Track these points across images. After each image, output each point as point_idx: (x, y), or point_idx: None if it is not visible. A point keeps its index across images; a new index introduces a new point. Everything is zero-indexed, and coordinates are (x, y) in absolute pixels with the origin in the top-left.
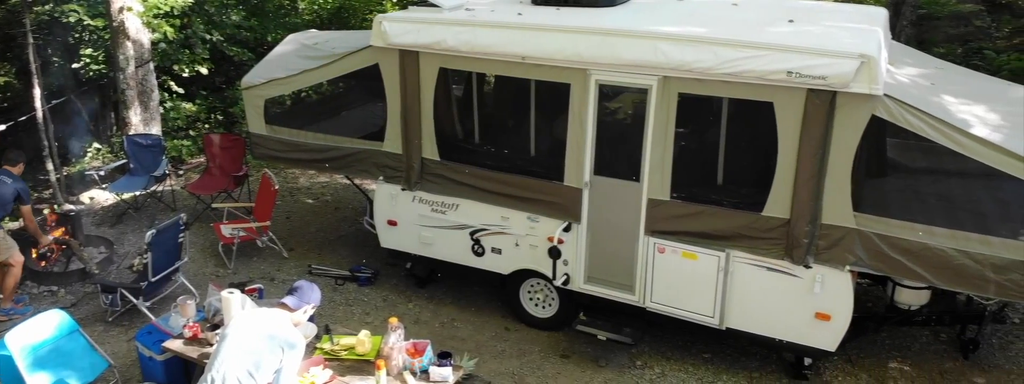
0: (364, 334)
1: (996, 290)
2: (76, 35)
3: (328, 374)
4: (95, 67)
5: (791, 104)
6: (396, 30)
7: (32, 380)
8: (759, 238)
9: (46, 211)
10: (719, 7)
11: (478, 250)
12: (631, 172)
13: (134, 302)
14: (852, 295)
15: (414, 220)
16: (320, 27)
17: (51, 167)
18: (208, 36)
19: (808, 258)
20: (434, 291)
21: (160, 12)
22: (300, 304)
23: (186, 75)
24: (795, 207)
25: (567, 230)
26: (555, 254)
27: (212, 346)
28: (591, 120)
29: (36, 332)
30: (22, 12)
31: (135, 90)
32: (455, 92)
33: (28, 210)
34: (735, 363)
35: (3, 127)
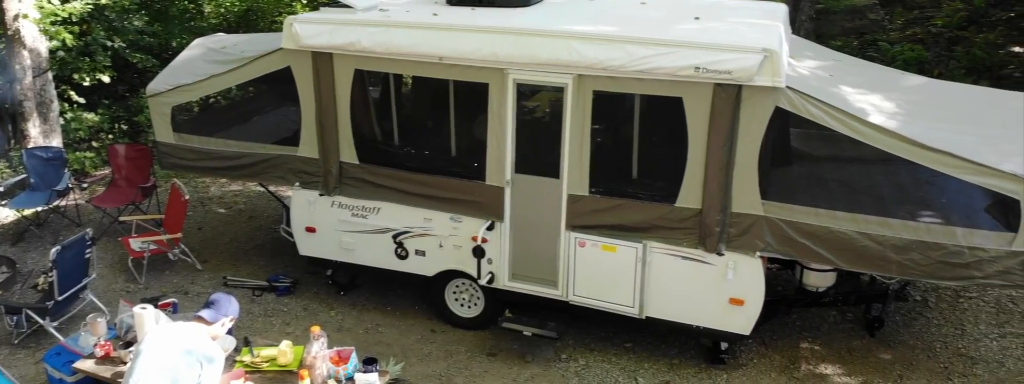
0: (285, 344)
1: (898, 269)
2: None
3: None
4: None
5: (699, 99)
6: (308, 32)
7: None
8: (673, 228)
9: None
10: (629, 6)
11: (401, 253)
12: (551, 169)
13: (41, 322)
14: (763, 280)
15: (334, 226)
16: (227, 31)
17: None
18: (109, 43)
19: (720, 246)
20: (357, 297)
21: (58, 19)
22: (217, 317)
23: (87, 84)
24: (706, 197)
25: (490, 229)
26: (479, 253)
27: (126, 364)
28: (510, 119)
29: None
30: None
31: (33, 101)
32: (372, 94)
33: None
34: (656, 351)
35: None
